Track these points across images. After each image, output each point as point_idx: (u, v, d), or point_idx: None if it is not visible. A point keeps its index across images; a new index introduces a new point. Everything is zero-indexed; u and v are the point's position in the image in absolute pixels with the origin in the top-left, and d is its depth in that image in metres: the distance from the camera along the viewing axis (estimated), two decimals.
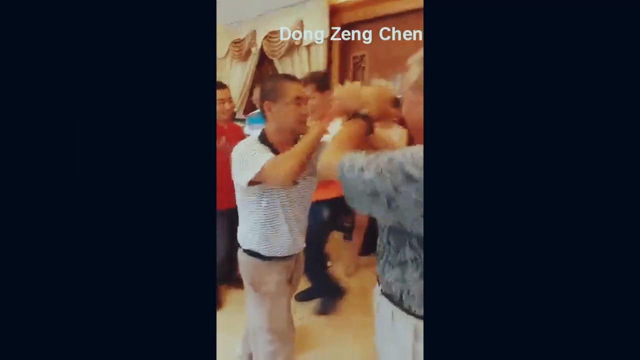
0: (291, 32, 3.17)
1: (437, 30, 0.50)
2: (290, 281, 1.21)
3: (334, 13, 3.02)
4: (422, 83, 0.62)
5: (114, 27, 0.51)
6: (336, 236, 2.84)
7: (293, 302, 1.45)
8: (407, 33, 2.62)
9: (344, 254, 2.61)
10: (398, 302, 0.70)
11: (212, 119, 0.70)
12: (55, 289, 0.49)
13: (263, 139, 1.09)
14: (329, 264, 2.51)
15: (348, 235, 2.91)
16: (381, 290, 0.76)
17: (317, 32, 3.03)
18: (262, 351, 1.14)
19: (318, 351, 1.63)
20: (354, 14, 2.93)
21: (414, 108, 0.66)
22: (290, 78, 1.09)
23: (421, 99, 0.62)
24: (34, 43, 0.49)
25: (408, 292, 0.68)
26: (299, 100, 1.05)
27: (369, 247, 2.48)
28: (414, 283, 0.67)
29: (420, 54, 0.65)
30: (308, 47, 3.21)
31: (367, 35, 2.87)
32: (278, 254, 1.11)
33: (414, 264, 0.66)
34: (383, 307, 0.76)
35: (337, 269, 2.43)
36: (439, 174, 0.49)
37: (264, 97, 1.07)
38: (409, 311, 0.69)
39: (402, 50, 2.73)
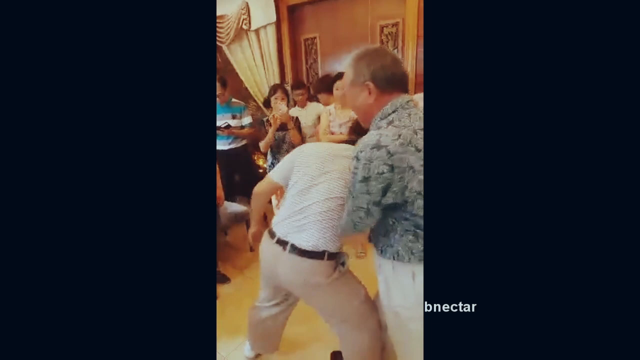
0: (237, 16, 3.08)
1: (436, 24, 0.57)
2: None
3: None
4: (355, 80, 0.88)
5: (110, 26, 0.52)
6: None
7: None
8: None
9: (354, 238, 2.74)
10: (395, 258, 0.94)
11: (212, 117, 0.76)
12: (59, 281, 0.51)
13: None
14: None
15: None
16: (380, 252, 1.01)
17: (264, 15, 2.99)
18: (366, 326, 1.20)
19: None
20: None
21: (352, 97, 0.93)
22: None
23: (354, 90, 0.89)
24: (32, 39, 0.49)
25: (397, 252, 0.93)
26: None
27: None
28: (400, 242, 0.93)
29: (350, 56, 0.89)
30: (257, 31, 3.15)
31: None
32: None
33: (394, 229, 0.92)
34: (384, 264, 1.00)
35: (349, 251, 2.55)
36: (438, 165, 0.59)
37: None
38: (406, 261, 0.94)
39: (352, 31, 2.82)
